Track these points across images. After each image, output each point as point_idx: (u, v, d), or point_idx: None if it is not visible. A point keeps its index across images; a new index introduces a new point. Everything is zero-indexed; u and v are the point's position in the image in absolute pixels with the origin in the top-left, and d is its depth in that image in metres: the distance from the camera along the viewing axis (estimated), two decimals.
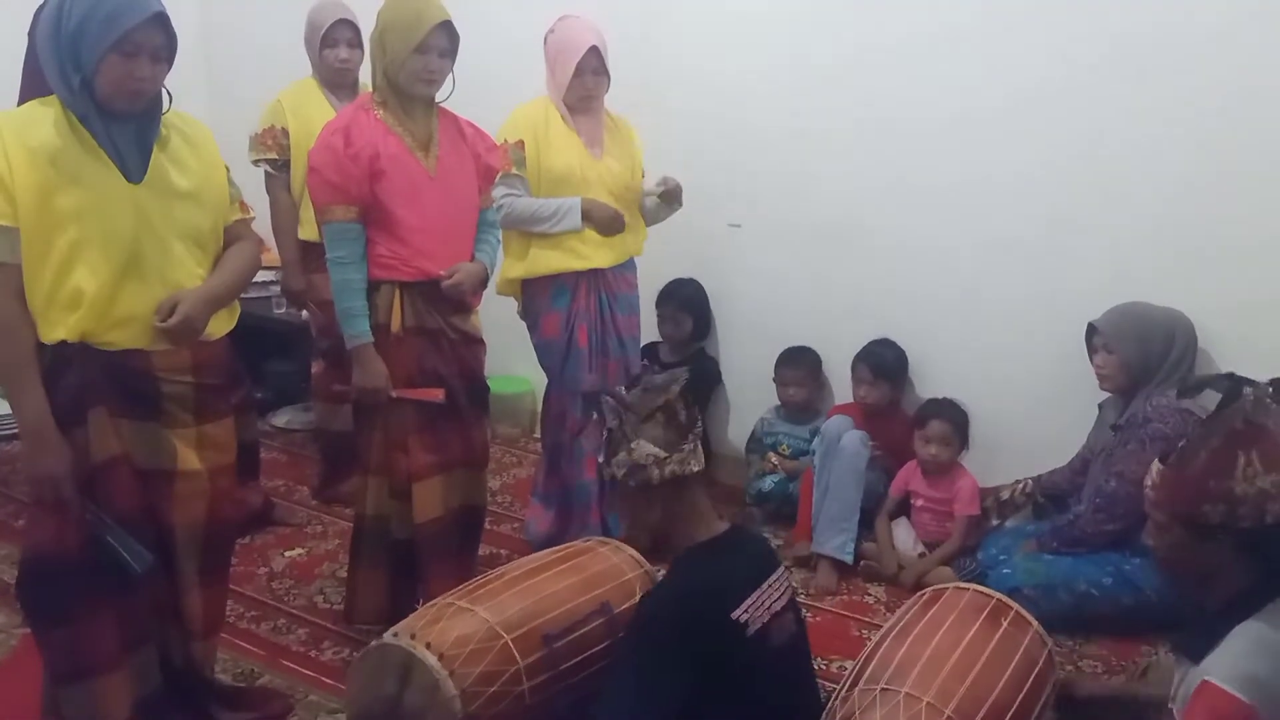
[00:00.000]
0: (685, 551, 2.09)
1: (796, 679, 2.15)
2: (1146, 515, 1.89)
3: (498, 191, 2.86)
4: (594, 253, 3.07)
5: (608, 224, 3.03)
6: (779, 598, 2.07)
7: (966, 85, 3.24)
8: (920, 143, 3.35)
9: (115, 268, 1.96)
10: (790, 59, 3.53)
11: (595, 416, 2.11)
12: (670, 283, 3.85)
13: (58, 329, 1.94)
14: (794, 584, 2.18)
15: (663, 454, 2.01)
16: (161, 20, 1.93)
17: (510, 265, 3.10)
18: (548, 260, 3.05)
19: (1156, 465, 1.82)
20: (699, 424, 2.10)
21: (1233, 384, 1.77)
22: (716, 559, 2.06)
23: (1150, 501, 1.83)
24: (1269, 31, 2.80)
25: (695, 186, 3.29)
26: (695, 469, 2.06)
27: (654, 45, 3.71)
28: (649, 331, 3.72)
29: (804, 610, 2.27)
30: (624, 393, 2.09)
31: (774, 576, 2.09)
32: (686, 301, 3.83)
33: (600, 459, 2.13)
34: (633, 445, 2.03)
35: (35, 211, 1.89)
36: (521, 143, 2.99)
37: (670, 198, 3.15)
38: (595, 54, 2.99)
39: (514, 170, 2.96)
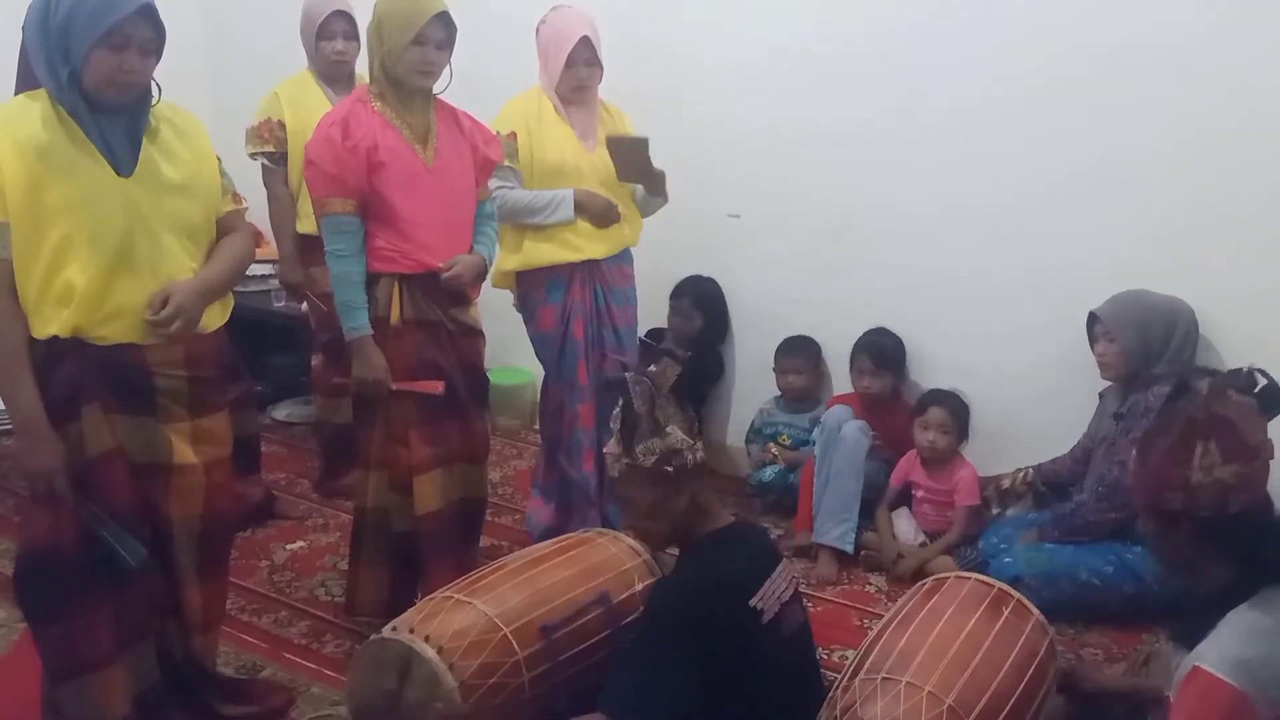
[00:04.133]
0: (696, 542, 2.08)
1: (805, 670, 2.16)
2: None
3: (491, 184, 2.85)
4: (588, 244, 3.06)
5: (601, 215, 3.02)
6: (786, 588, 2.08)
7: (968, 77, 3.22)
8: (922, 134, 3.33)
9: (106, 262, 1.95)
10: (791, 50, 3.51)
11: (622, 401, 2.06)
12: (688, 278, 3.82)
13: (50, 324, 1.94)
14: (796, 575, 2.20)
15: (690, 440, 2.00)
16: (149, 13, 1.92)
17: (504, 258, 3.08)
18: (542, 252, 3.04)
19: (1133, 455, 1.82)
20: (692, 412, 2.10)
21: (1181, 379, 1.78)
22: (729, 549, 2.07)
23: (1131, 490, 1.84)
24: (1272, 27, 2.78)
25: (694, 177, 3.27)
26: (703, 458, 2.05)
27: (652, 36, 3.70)
28: (655, 320, 3.72)
29: (806, 601, 2.27)
30: (650, 374, 2.05)
31: (780, 567, 2.10)
32: (701, 299, 3.79)
33: (610, 447, 2.08)
34: (667, 430, 2.00)
35: (25, 206, 1.88)
36: (514, 135, 2.98)
37: (654, 187, 3.12)
38: (587, 44, 2.97)
39: (506, 162, 2.94)
